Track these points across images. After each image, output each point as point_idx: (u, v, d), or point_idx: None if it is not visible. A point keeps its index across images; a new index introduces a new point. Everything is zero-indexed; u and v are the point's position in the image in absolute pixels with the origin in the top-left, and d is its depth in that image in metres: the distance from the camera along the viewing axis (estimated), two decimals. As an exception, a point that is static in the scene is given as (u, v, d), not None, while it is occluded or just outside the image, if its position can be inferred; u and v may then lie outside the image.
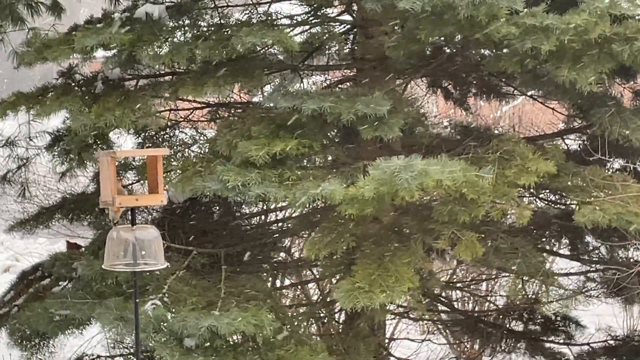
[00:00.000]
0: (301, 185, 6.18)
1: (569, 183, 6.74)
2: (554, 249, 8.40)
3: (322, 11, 7.83)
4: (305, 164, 6.79)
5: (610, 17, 5.88)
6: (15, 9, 7.71)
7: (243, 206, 8.25)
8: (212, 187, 6.31)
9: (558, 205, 8.00)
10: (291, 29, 7.57)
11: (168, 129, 8.28)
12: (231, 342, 6.55)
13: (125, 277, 6.66)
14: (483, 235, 6.78)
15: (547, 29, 5.85)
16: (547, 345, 8.86)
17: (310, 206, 6.63)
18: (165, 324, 6.42)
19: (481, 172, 5.95)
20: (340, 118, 6.30)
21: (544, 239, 8.19)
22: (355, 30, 7.84)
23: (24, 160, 8.83)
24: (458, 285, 10.07)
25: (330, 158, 7.13)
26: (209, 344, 6.36)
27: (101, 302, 6.77)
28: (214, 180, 6.32)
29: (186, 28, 7.12)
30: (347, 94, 6.58)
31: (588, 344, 8.83)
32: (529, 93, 8.37)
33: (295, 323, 7.50)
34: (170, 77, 7.50)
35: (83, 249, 8.01)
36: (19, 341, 7.70)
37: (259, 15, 7.69)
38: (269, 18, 7.47)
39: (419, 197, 5.83)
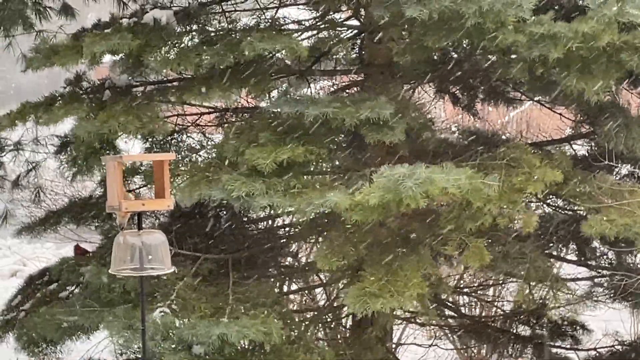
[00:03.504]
0: (306, 194, 6.17)
1: (577, 190, 6.72)
2: (562, 254, 8.39)
3: (329, 16, 7.83)
4: (311, 169, 6.78)
5: (619, 25, 5.87)
6: (23, 14, 7.71)
7: (250, 211, 8.24)
8: (218, 195, 6.32)
9: (565, 211, 7.98)
10: (299, 34, 7.57)
11: (176, 134, 8.27)
12: (240, 349, 6.55)
13: (133, 284, 6.65)
14: (490, 240, 6.78)
15: (554, 36, 5.84)
16: (554, 350, 8.85)
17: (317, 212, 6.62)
18: (173, 331, 6.42)
19: (487, 180, 5.95)
20: (343, 123, 6.30)
21: (552, 245, 8.18)
22: (363, 35, 7.83)
23: (34, 164, 8.85)
24: (465, 290, 10.06)
25: (337, 163, 7.12)
26: (218, 351, 6.36)
27: (109, 310, 6.77)
28: (219, 189, 6.32)
29: (194, 33, 7.13)
30: (352, 99, 6.57)
31: (595, 348, 8.82)
32: (536, 98, 8.35)
33: (302, 328, 7.50)
34: (178, 82, 7.50)
35: (90, 253, 8.02)
36: (26, 346, 7.71)
37: (266, 20, 7.69)
38: (277, 23, 7.47)
39: (425, 204, 5.81)
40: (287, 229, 8.81)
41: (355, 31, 7.94)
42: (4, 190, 9.14)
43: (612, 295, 8.52)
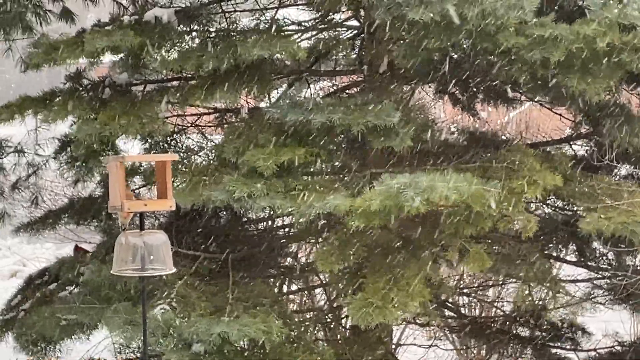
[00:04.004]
0: (307, 196, 6.17)
1: (577, 190, 6.73)
2: (561, 255, 8.39)
3: (329, 17, 7.83)
4: (312, 170, 6.78)
5: (620, 26, 5.88)
6: (24, 17, 7.71)
7: (250, 211, 8.24)
8: (219, 197, 6.32)
9: (565, 212, 7.99)
10: (298, 35, 7.57)
11: (175, 134, 8.27)
12: (239, 348, 6.55)
13: (134, 282, 6.66)
14: (490, 241, 6.78)
15: (556, 39, 5.85)
16: (554, 351, 8.85)
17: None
18: (174, 329, 6.42)
19: (488, 186, 5.94)
20: (350, 130, 6.30)
21: (551, 245, 8.18)
22: (363, 36, 7.83)
23: (34, 168, 8.85)
24: (465, 291, 10.05)
25: (337, 164, 7.12)
26: (217, 349, 6.36)
27: (109, 307, 6.77)
28: (220, 191, 6.32)
29: (194, 33, 7.12)
30: (356, 103, 6.56)
31: (595, 349, 8.82)
32: (536, 99, 8.35)
33: (302, 328, 7.50)
34: (178, 82, 7.49)
35: (90, 254, 8.02)
36: (26, 345, 7.70)
37: (266, 21, 7.68)
38: (277, 24, 7.47)
39: (426, 211, 5.81)
40: (286, 229, 8.81)
41: (355, 32, 7.95)
42: (4, 193, 9.14)
43: (612, 296, 8.52)
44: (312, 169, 6.77)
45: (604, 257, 8.32)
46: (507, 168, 6.50)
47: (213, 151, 7.66)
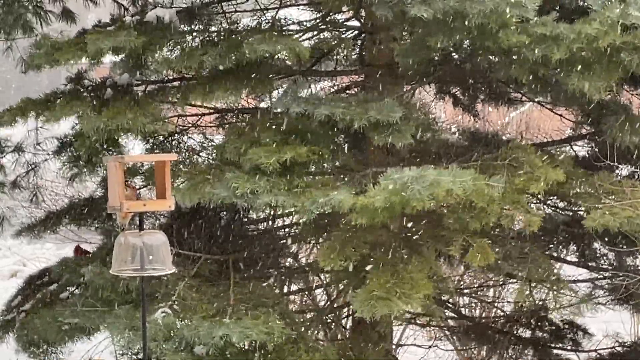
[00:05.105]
0: (310, 193, 6.16)
1: (578, 190, 6.73)
2: (562, 255, 8.38)
3: (330, 17, 7.83)
4: (313, 169, 6.78)
5: (621, 26, 5.88)
6: (24, 17, 7.70)
7: (250, 212, 8.24)
8: (221, 194, 6.31)
9: (566, 212, 7.98)
10: (300, 34, 7.57)
11: (176, 134, 8.27)
12: (241, 349, 6.54)
13: (135, 284, 6.65)
14: (491, 241, 6.77)
15: (557, 37, 5.85)
16: (555, 351, 8.84)
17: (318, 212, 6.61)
18: (175, 332, 6.41)
19: (491, 181, 5.94)
20: (352, 124, 6.29)
21: (552, 246, 8.17)
22: (364, 35, 7.83)
23: (33, 165, 8.83)
24: (465, 291, 10.05)
25: (338, 164, 7.12)
26: (220, 351, 6.35)
27: (111, 310, 6.77)
28: (223, 187, 6.31)
29: (196, 33, 7.12)
30: (358, 100, 6.57)
31: (596, 350, 8.81)
32: (536, 99, 8.35)
33: (303, 329, 7.50)
34: (179, 82, 7.49)
35: (90, 254, 8.01)
36: (27, 347, 7.70)
37: (267, 21, 7.69)
38: (278, 24, 7.47)
39: (430, 206, 5.80)
40: (287, 229, 8.81)
41: (356, 32, 7.95)
42: (4, 192, 9.13)
43: (612, 296, 8.51)
44: (314, 168, 6.77)
45: (605, 258, 8.31)
46: (509, 165, 6.50)
47: (214, 151, 7.66)
